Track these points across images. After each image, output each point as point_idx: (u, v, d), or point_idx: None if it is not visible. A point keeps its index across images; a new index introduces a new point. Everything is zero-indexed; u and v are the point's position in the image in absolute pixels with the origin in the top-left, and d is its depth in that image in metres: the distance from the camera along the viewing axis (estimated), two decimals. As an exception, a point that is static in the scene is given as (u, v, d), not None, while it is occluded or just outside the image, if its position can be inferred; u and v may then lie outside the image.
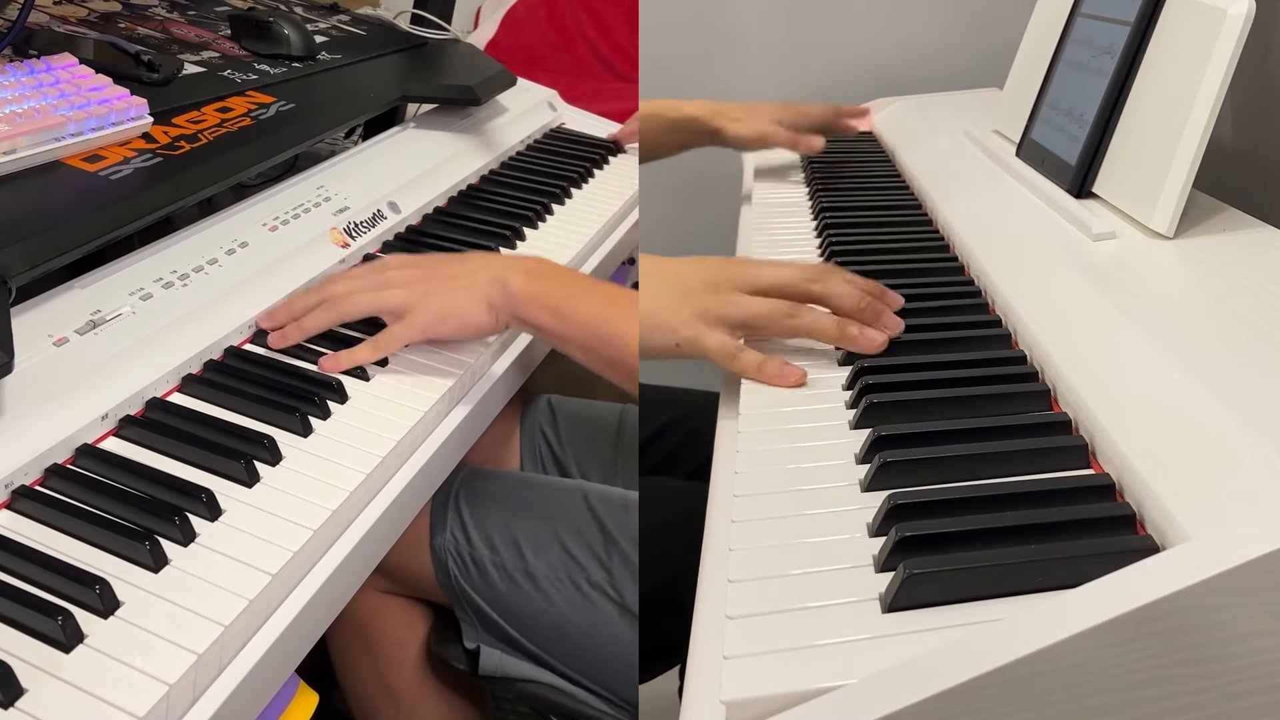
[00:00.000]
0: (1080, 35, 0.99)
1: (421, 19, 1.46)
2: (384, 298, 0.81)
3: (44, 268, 0.72)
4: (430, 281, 0.81)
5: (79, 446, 0.66)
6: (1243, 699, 0.42)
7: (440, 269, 0.83)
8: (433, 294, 0.80)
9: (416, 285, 0.81)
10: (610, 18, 2.08)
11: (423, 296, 0.80)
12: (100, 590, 0.55)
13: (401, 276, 0.82)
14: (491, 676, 0.87)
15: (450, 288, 0.80)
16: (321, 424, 0.73)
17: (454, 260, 0.84)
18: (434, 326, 0.80)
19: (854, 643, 0.48)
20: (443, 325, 0.80)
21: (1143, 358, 0.62)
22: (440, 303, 0.80)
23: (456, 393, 0.81)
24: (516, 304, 0.79)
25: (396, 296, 0.80)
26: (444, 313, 0.80)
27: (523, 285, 0.79)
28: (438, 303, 0.80)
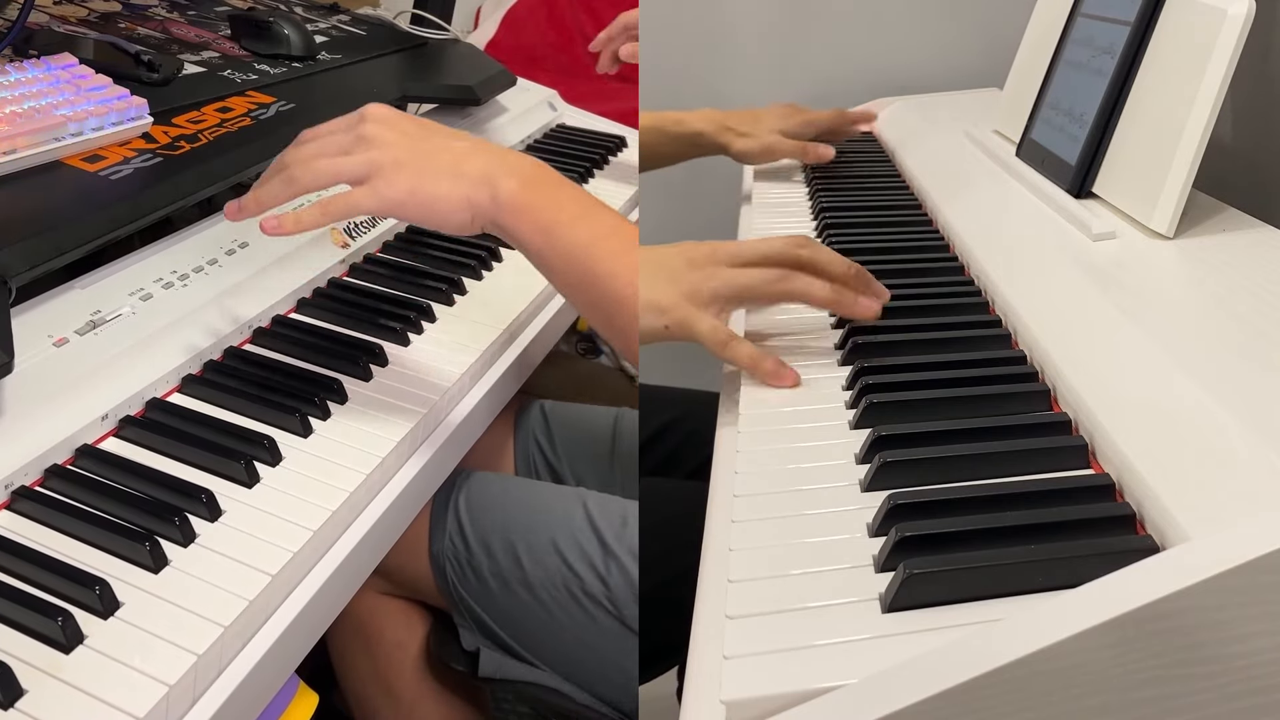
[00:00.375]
0: (1080, 35, 0.99)
1: (421, 19, 1.46)
2: (346, 164, 0.69)
3: (44, 268, 0.72)
4: (408, 149, 0.69)
5: (79, 447, 0.66)
6: (1243, 699, 0.42)
7: (426, 139, 0.70)
8: (406, 166, 0.68)
9: (389, 149, 0.69)
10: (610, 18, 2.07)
11: (394, 166, 0.68)
12: (100, 591, 0.55)
13: (378, 135, 0.70)
14: (491, 679, 0.87)
15: (430, 166, 0.69)
16: (321, 424, 0.73)
17: (444, 133, 0.72)
18: (398, 204, 0.68)
19: (854, 643, 0.48)
20: (408, 205, 0.68)
21: (1143, 358, 0.62)
22: (412, 179, 0.68)
23: (455, 395, 0.81)
24: (501, 210, 0.68)
25: (361, 160, 0.68)
26: (413, 191, 0.68)
27: (513, 191, 0.68)
28: (409, 178, 0.68)
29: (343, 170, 0.69)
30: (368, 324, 0.85)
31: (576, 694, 0.84)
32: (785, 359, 0.75)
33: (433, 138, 0.71)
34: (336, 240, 0.94)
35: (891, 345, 0.76)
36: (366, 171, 0.68)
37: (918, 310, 0.82)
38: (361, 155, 0.69)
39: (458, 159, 0.69)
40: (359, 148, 0.69)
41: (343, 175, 0.69)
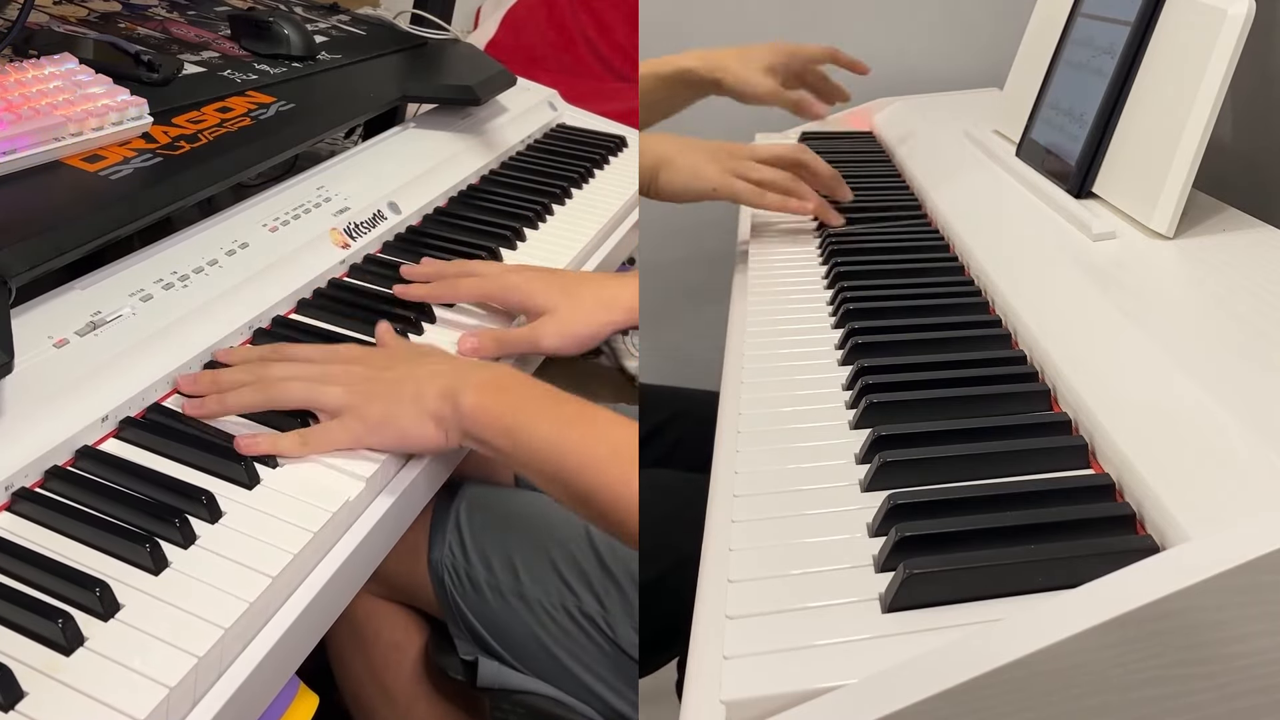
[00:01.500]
0: (1080, 35, 0.99)
1: (421, 19, 1.46)
2: (321, 392, 0.72)
3: (44, 268, 0.72)
4: (375, 384, 0.73)
5: (79, 448, 0.66)
6: (1243, 699, 0.42)
7: (389, 370, 0.74)
8: (375, 399, 0.72)
9: (359, 385, 0.73)
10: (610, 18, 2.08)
11: (364, 400, 0.72)
12: (100, 593, 0.55)
13: (345, 373, 0.74)
14: (490, 689, 0.87)
15: (395, 395, 0.72)
16: (321, 425, 0.73)
17: (410, 360, 0.76)
18: (371, 434, 0.71)
19: (854, 643, 0.48)
20: (381, 435, 0.71)
21: (1143, 358, 0.62)
22: (381, 411, 0.71)
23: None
24: (465, 421, 0.70)
25: (335, 395, 0.72)
26: (384, 422, 0.71)
27: (474, 401, 0.70)
28: (379, 410, 0.71)
29: (315, 399, 0.72)
30: (368, 325, 0.85)
31: (575, 704, 0.84)
32: (786, 358, 0.75)
33: (396, 366, 0.75)
34: (336, 241, 0.94)
35: (891, 345, 0.76)
36: (338, 405, 0.72)
37: (918, 310, 0.82)
38: (334, 388, 0.72)
39: (419, 385, 0.72)
40: (331, 382, 0.73)
41: (315, 404, 0.72)
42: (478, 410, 0.70)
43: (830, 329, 0.82)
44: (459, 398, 0.70)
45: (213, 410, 0.72)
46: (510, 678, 0.86)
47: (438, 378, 0.72)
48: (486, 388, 0.71)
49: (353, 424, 0.71)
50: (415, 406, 0.71)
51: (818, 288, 0.91)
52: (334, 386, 0.72)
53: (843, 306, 0.83)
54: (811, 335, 0.81)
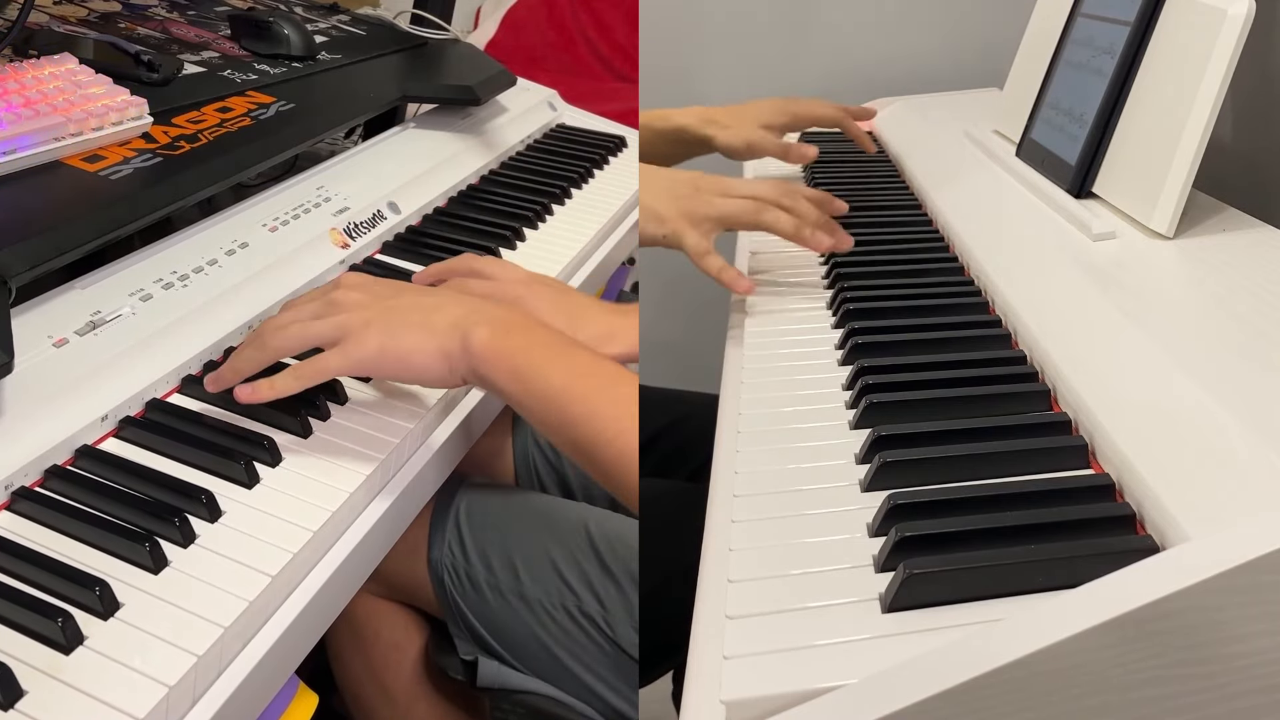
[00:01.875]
0: (1080, 35, 0.99)
1: (421, 19, 1.46)
2: (315, 327, 0.70)
3: (44, 268, 0.72)
4: (377, 309, 0.70)
5: (79, 448, 0.66)
6: (1243, 699, 0.42)
7: (395, 298, 0.72)
8: (375, 323, 0.69)
9: (358, 310, 0.70)
10: (610, 18, 2.08)
11: (363, 325, 0.69)
12: (100, 592, 0.55)
13: (348, 299, 0.72)
14: (490, 688, 0.87)
15: (399, 321, 0.70)
16: (321, 425, 0.73)
17: (415, 291, 0.74)
18: (371, 361, 0.69)
19: (854, 643, 0.48)
20: (381, 361, 0.69)
21: (1143, 358, 0.62)
22: (381, 335, 0.69)
23: (455, 396, 0.81)
24: (475, 359, 0.68)
25: (331, 324, 0.70)
26: (384, 347, 0.69)
27: (485, 338, 0.68)
28: (378, 334, 0.69)
29: (311, 334, 0.70)
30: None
31: (576, 704, 0.84)
32: (786, 358, 0.75)
33: (403, 295, 0.72)
34: (336, 241, 0.94)
35: (891, 345, 0.76)
36: (336, 334, 0.69)
37: (918, 310, 0.82)
38: (331, 319, 0.70)
39: (427, 313, 0.70)
40: (329, 312, 0.71)
41: (311, 339, 0.70)
42: (488, 348, 0.68)
43: (830, 329, 0.82)
44: (470, 333, 0.68)
45: (228, 378, 0.71)
46: (510, 678, 0.86)
47: (448, 307, 0.70)
48: (498, 326, 0.69)
49: (350, 348, 0.69)
50: (421, 333, 0.69)
51: (818, 288, 0.91)
52: (331, 317, 0.70)
53: (843, 306, 0.83)
54: (811, 335, 0.81)
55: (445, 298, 0.73)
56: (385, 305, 0.71)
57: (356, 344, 0.69)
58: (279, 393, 0.69)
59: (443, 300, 0.72)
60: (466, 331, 0.68)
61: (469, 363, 0.68)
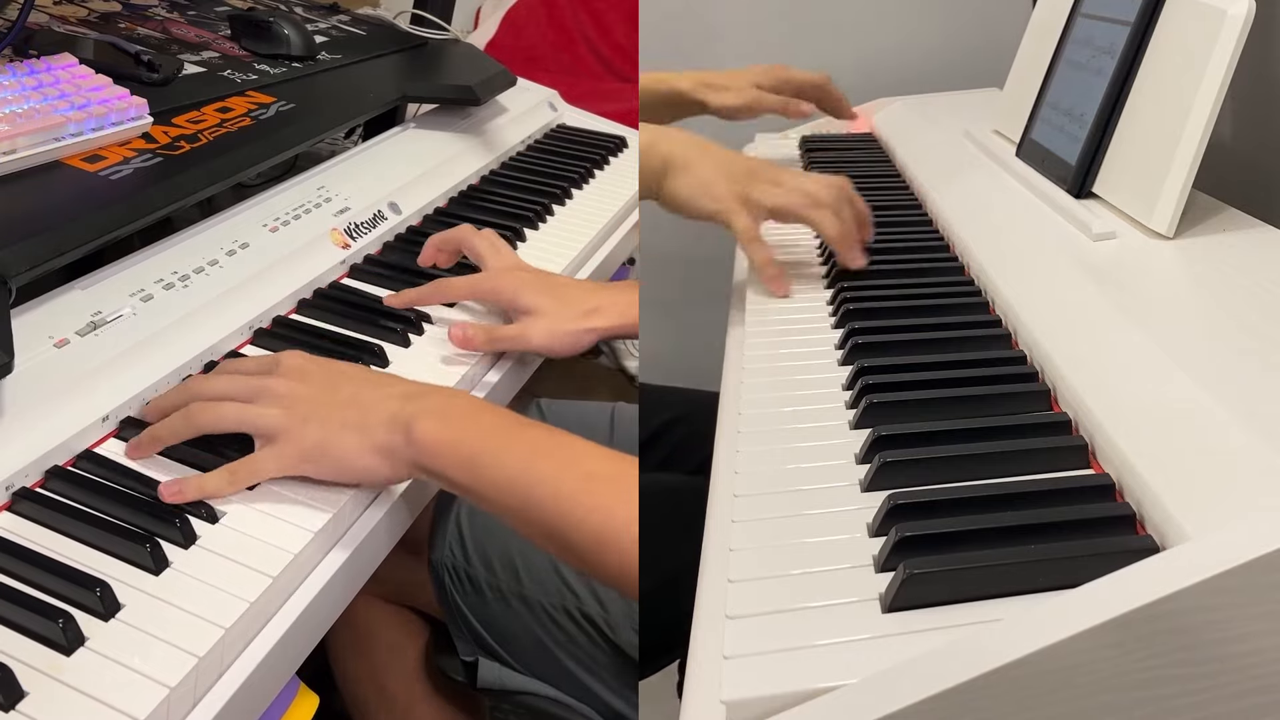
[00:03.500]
0: (1080, 35, 0.99)
1: (421, 19, 1.46)
2: (252, 415, 0.66)
3: (44, 268, 0.72)
4: (316, 404, 0.66)
5: (80, 448, 0.66)
6: (1243, 699, 0.42)
7: (336, 390, 0.67)
8: (313, 421, 0.65)
9: (298, 406, 0.66)
10: (610, 18, 2.08)
11: (300, 422, 0.65)
12: (101, 593, 0.55)
13: (285, 389, 0.67)
14: (490, 689, 0.87)
15: (337, 418, 0.65)
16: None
17: (357, 380, 0.69)
18: (307, 461, 0.65)
19: (854, 643, 0.48)
20: (319, 463, 0.65)
21: (1143, 358, 0.62)
22: (319, 435, 0.65)
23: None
24: (420, 453, 0.64)
25: (268, 417, 0.65)
26: (322, 451, 0.65)
27: (429, 430, 0.63)
28: (316, 434, 0.65)
29: (245, 420, 0.66)
30: (368, 325, 0.85)
31: (577, 705, 0.84)
32: (786, 358, 0.75)
33: (341, 390, 0.67)
34: (337, 241, 0.94)
35: (891, 345, 0.76)
36: (271, 428, 0.65)
37: (918, 310, 0.82)
38: (266, 409, 0.66)
39: (365, 410, 0.65)
40: (265, 399, 0.66)
41: (245, 426, 0.66)
42: (432, 440, 0.63)
43: (830, 329, 0.82)
44: (411, 426, 0.64)
45: (147, 447, 0.66)
46: (510, 678, 0.86)
47: (387, 401, 0.66)
48: (442, 415, 0.64)
49: (286, 449, 0.65)
50: (358, 434, 0.65)
51: (818, 288, 0.91)
52: (268, 408, 0.66)
53: (843, 306, 0.83)
54: (811, 335, 0.81)
55: (384, 390, 0.68)
56: (323, 401, 0.66)
57: (292, 445, 0.65)
58: (207, 495, 0.64)
59: (381, 393, 0.67)
60: (408, 424, 0.64)
61: (413, 457, 0.64)
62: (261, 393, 0.67)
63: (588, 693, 0.83)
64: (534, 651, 0.84)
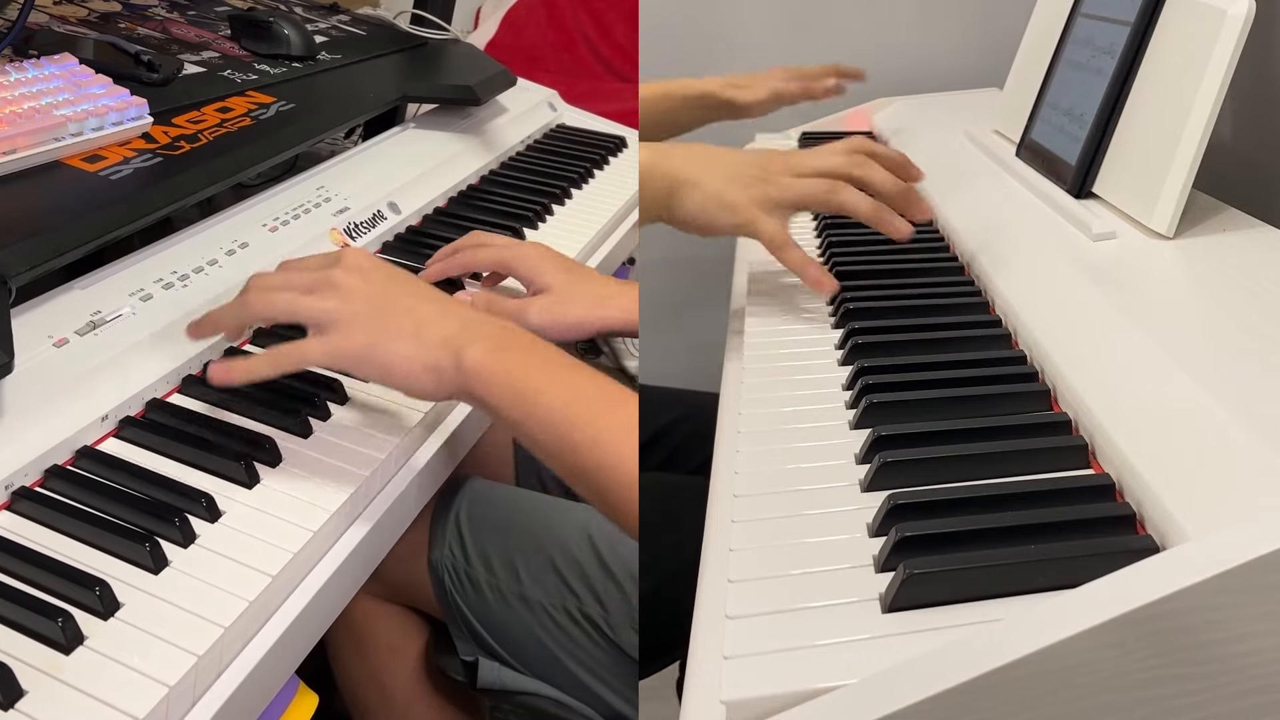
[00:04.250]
0: (1080, 35, 0.99)
1: (421, 19, 1.46)
2: (305, 304, 0.66)
3: (44, 268, 0.72)
4: (373, 304, 0.66)
5: (79, 448, 0.66)
6: (1243, 699, 0.42)
7: (395, 295, 0.67)
8: (365, 320, 0.65)
9: (353, 301, 0.66)
10: (610, 18, 2.08)
11: (352, 318, 0.65)
12: (100, 592, 0.55)
13: (344, 281, 0.67)
14: (490, 689, 0.87)
15: (392, 325, 0.65)
16: (321, 425, 0.73)
17: (414, 292, 0.69)
18: (353, 359, 0.65)
19: (854, 643, 0.48)
20: (366, 363, 0.65)
21: (1143, 358, 0.62)
22: (370, 336, 0.65)
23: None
24: (469, 378, 0.64)
25: (322, 309, 0.65)
26: (371, 350, 0.65)
27: (480, 357, 0.64)
28: (366, 334, 0.65)
29: (299, 309, 0.66)
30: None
31: (577, 705, 0.84)
32: (786, 358, 0.75)
33: (401, 297, 0.67)
34: (336, 241, 0.94)
35: (891, 345, 0.76)
36: (323, 319, 0.65)
37: (918, 310, 0.82)
38: (322, 301, 0.66)
39: (421, 322, 0.66)
40: (323, 290, 0.66)
41: (298, 315, 0.66)
42: (483, 368, 0.64)
43: (830, 329, 0.82)
44: (463, 351, 0.64)
45: (205, 329, 0.69)
46: (510, 678, 0.86)
47: (444, 319, 0.66)
48: (495, 344, 0.65)
49: (336, 341, 0.65)
50: (410, 344, 0.65)
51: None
52: (324, 300, 0.66)
53: (843, 306, 0.83)
54: (811, 335, 0.81)
55: (443, 307, 0.68)
56: (381, 303, 0.66)
57: (343, 338, 0.65)
58: (252, 376, 0.66)
59: (440, 310, 0.67)
60: (460, 348, 0.64)
61: (460, 380, 0.65)
62: (320, 284, 0.67)
63: (588, 693, 0.83)
64: (534, 651, 0.84)
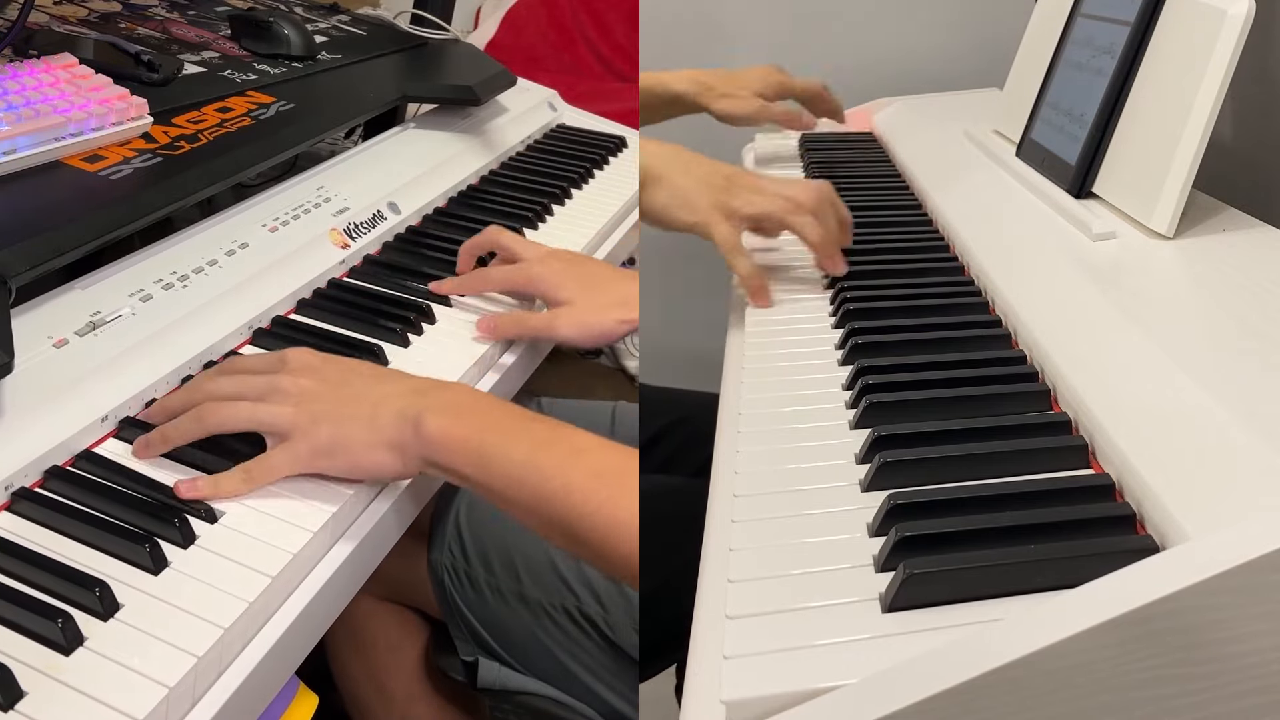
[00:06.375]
0: (1080, 35, 0.99)
1: (421, 19, 1.46)
2: (264, 413, 0.66)
3: (44, 268, 0.72)
4: (326, 401, 0.66)
5: (79, 448, 0.66)
6: (1243, 699, 0.42)
7: (345, 386, 0.68)
8: (324, 418, 0.65)
9: (307, 403, 0.66)
10: (610, 18, 2.08)
11: (311, 420, 0.65)
12: (100, 592, 0.55)
13: (295, 387, 0.67)
14: (490, 689, 0.87)
15: (348, 414, 0.66)
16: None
17: (365, 375, 0.70)
18: (321, 458, 0.65)
19: (854, 643, 0.48)
20: (333, 459, 0.65)
21: (1143, 358, 0.62)
22: (331, 431, 0.65)
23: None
24: (430, 448, 0.64)
25: (280, 415, 0.66)
26: (335, 444, 0.65)
27: (438, 426, 0.64)
28: (328, 431, 0.65)
29: (256, 419, 0.66)
30: (367, 325, 0.85)
31: (578, 705, 0.84)
32: (786, 358, 0.75)
33: (351, 384, 0.68)
34: (336, 241, 0.94)
35: (891, 345, 0.76)
36: (284, 426, 0.65)
37: (918, 310, 0.82)
38: (280, 407, 0.66)
39: (374, 406, 0.66)
40: (276, 397, 0.67)
41: (256, 425, 0.66)
42: (442, 434, 0.64)
43: (830, 329, 0.82)
44: (421, 421, 0.64)
45: (157, 446, 0.66)
46: (510, 679, 0.86)
47: (396, 398, 0.66)
48: (450, 409, 0.65)
49: (300, 446, 0.65)
50: (368, 430, 0.65)
51: (818, 288, 0.91)
52: (280, 405, 0.66)
53: (843, 306, 0.83)
54: (811, 335, 0.81)
55: (396, 385, 0.69)
56: (335, 397, 0.67)
57: (306, 442, 0.65)
58: (222, 495, 0.64)
59: (392, 388, 0.68)
60: (417, 419, 0.64)
61: (422, 452, 0.65)
62: (272, 391, 0.67)
63: (588, 692, 0.83)
64: (534, 651, 0.84)
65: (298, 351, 0.71)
